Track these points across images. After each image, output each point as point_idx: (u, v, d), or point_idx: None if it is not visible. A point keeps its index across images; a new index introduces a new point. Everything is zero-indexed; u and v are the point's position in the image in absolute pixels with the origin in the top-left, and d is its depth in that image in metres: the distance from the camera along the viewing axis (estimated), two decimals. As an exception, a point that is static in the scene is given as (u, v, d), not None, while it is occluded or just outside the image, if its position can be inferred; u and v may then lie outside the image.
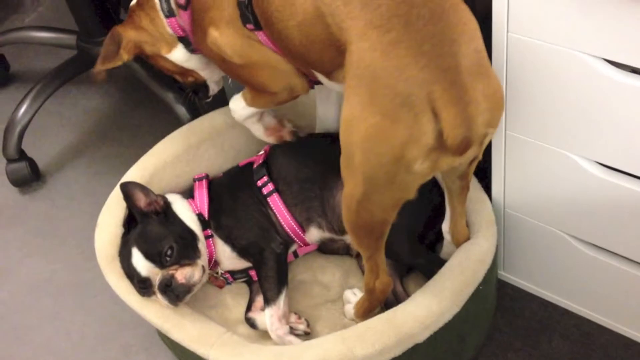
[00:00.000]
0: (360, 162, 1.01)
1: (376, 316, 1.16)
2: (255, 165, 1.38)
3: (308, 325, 1.31)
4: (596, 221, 1.22)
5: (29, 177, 1.88)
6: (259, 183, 1.35)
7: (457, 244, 1.27)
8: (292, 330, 1.30)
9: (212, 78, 1.41)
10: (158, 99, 1.83)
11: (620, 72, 1.02)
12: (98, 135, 2.00)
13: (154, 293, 1.25)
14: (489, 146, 1.26)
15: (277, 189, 1.34)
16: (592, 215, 1.21)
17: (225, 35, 1.21)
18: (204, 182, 1.40)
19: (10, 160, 1.86)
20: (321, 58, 1.12)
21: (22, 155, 1.87)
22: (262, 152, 1.41)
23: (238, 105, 1.37)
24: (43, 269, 1.71)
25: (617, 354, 1.35)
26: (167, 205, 1.33)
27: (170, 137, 1.48)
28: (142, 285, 1.26)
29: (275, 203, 1.33)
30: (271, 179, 1.35)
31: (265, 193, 1.34)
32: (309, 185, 1.32)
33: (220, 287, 1.40)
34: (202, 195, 1.37)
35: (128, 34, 1.31)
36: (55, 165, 1.94)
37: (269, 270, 1.30)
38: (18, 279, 1.70)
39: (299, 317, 1.31)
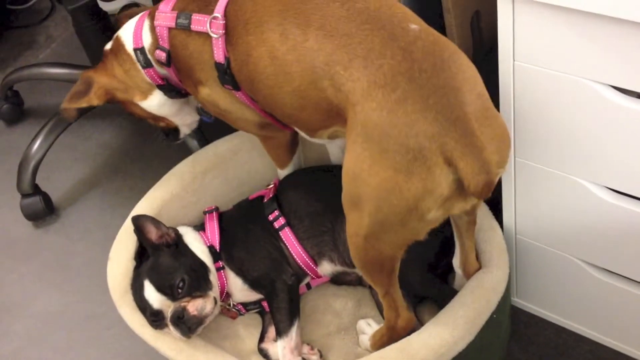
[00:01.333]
0: (370, 209, 1.03)
1: (389, 346, 1.16)
2: (265, 199, 1.39)
3: (321, 356, 1.31)
4: (608, 246, 1.21)
5: (43, 211, 1.89)
6: (271, 217, 1.35)
7: (468, 277, 1.27)
8: None
9: (184, 122, 1.44)
10: (170, 132, 1.84)
11: (627, 98, 1.02)
12: (111, 168, 2.02)
13: (166, 325, 1.25)
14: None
15: (288, 223, 1.34)
16: (603, 240, 1.21)
17: (215, 92, 1.24)
18: (215, 214, 1.40)
19: (24, 195, 1.88)
20: (310, 119, 1.15)
21: (36, 190, 1.89)
22: (271, 185, 1.42)
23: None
24: (57, 302, 1.72)
25: (633, 380, 1.34)
26: (179, 238, 1.34)
27: (177, 169, 1.49)
28: (155, 318, 1.26)
29: (287, 237, 1.33)
30: (282, 213, 1.35)
31: (277, 227, 1.34)
32: (320, 220, 1.33)
33: (233, 318, 1.40)
34: (213, 227, 1.38)
35: (100, 80, 1.34)
36: (68, 199, 1.96)
37: (280, 302, 1.30)
38: (33, 312, 1.71)
39: (312, 348, 1.31)
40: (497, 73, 1.12)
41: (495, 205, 1.34)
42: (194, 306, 1.25)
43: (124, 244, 1.37)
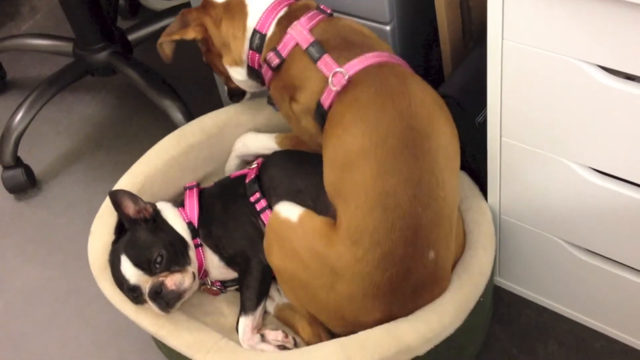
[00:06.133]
0: None
1: (378, 326, 1.15)
2: (247, 180, 1.37)
3: (295, 343, 1.30)
4: (591, 227, 1.22)
5: (25, 184, 1.88)
6: (252, 199, 1.34)
7: None
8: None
9: (253, 91, 1.45)
10: (155, 106, 1.83)
11: (614, 79, 1.02)
12: (94, 142, 2.01)
13: (145, 301, 1.25)
14: (485, 153, 1.26)
15: (267, 201, 1.33)
16: (587, 221, 1.22)
17: (304, 112, 1.25)
18: (195, 190, 1.39)
19: (6, 167, 1.86)
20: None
21: (18, 162, 1.87)
22: (254, 165, 1.41)
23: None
24: (39, 276, 1.71)
25: (613, 360, 1.36)
26: (157, 213, 1.33)
27: (161, 143, 1.47)
28: (133, 294, 1.25)
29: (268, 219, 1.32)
30: (262, 190, 1.35)
31: (258, 209, 1.33)
32: (301, 197, 1.31)
33: (215, 294, 1.39)
34: (192, 204, 1.37)
35: (202, 18, 1.32)
36: (51, 172, 1.94)
37: (252, 280, 1.29)
38: (14, 287, 1.70)
39: (286, 336, 1.29)
40: (486, 52, 1.12)
41: (480, 185, 1.35)
42: (172, 281, 1.24)
43: (106, 218, 1.36)
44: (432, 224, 1.10)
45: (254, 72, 1.34)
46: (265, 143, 1.45)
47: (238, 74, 1.36)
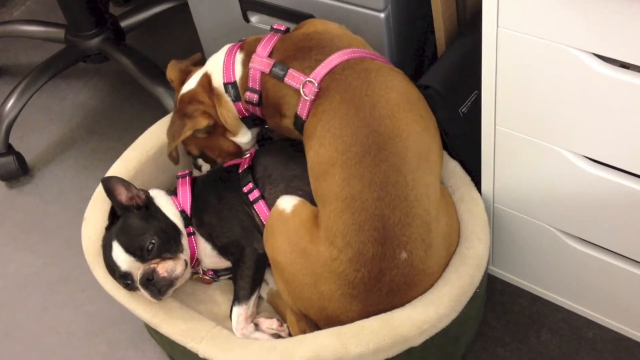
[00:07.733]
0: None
1: (373, 317, 1.15)
2: (240, 170, 1.37)
3: (290, 333, 1.30)
4: (585, 216, 1.22)
5: (17, 172, 1.87)
6: (245, 189, 1.34)
7: None
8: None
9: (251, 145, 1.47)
10: (147, 93, 1.82)
11: (609, 67, 1.02)
12: (87, 129, 1.99)
13: (137, 288, 1.24)
14: (470, 143, 1.26)
15: (261, 190, 1.33)
16: (580, 210, 1.22)
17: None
18: (188, 179, 1.39)
19: (-3, 155, 1.85)
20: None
21: (9, 150, 1.86)
22: (247, 155, 1.40)
23: None
24: (31, 263, 1.70)
25: (605, 348, 1.36)
26: (150, 200, 1.32)
27: (152, 129, 1.47)
28: (124, 280, 1.25)
29: (262, 210, 1.32)
30: (255, 178, 1.34)
31: (251, 200, 1.33)
32: (298, 183, 1.31)
33: (208, 283, 1.39)
34: (185, 192, 1.36)
35: (202, 107, 1.35)
36: (43, 160, 1.93)
37: (246, 270, 1.29)
38: (6, 274, 1.70)
39: (281, 324, 1.29)
40: (481, 39, 1.11)
41: (474, 173, 1.34)
42: (163, 268, 1.24)
43: (99, 205, 1.35)
44: (402, 225, 1.12)
45: (250, 119, 1.37)
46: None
47: (245, 137, 1.40)
